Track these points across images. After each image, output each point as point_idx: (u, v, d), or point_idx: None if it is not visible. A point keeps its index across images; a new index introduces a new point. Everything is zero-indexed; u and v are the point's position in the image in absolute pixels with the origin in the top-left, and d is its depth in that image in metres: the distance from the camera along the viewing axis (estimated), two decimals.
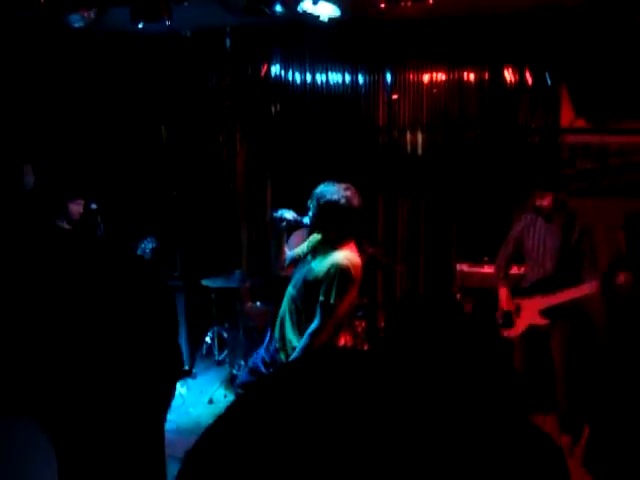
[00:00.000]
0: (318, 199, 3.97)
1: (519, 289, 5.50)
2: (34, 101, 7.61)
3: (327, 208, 3.93)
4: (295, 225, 4.20)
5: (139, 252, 5.88)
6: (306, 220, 4.07)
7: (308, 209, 4.04)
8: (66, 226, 5.87)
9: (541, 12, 6.25)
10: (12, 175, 6.80)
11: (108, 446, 1.22)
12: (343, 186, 4.02)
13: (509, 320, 5.44)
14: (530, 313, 5.27)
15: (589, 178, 6.68)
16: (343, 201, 3.93)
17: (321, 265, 3.98)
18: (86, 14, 4.57)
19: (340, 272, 3.85)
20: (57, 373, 1.18)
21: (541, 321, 5.20)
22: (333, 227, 4.00)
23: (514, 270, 5.82)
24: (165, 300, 1.30)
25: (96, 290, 1.20)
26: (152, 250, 5.97)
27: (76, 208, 5.76)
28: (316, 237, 4.20)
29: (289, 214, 4.12)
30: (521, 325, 5.34)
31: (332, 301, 3.86)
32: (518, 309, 5.43)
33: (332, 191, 3.96)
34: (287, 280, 4.45)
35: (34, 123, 7.61)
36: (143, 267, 1.30)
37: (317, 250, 4.15)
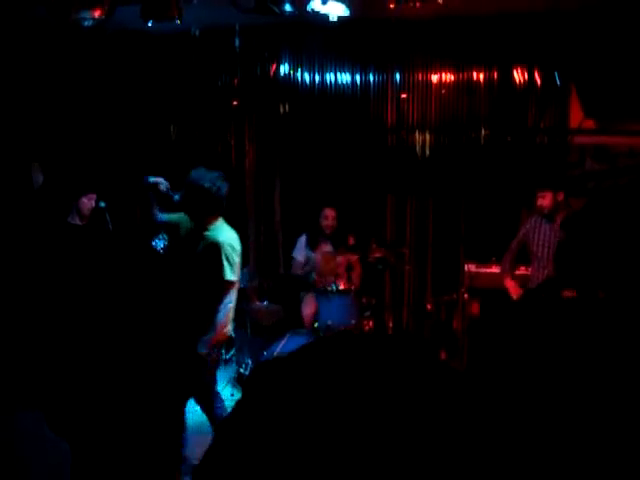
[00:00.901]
0: (190, 184, 4.31)
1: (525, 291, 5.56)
2: (43, 99, 7.63)
3: (198, 194, 4.27)
4: (164, 196, 4.61)
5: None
6: (176, 198, 4.44)
7: (180, 189, 4.41)
8: (78, 222, 5.90)
9: (550, 13, 6.24)
10: (20, 174, 6.82)
11: (124, 439, 1.23)
12: (215, 174, 4.39)
13: None
14: None
15: (597, 179, 6.66)
16: (214, 189, 4.29)
17: (202, 246, 4.32)
18: (95, 13, 4.57)
19: (223, 249, 4.22)
20: (76, 370, 1.19)
21: None
22: (202, 211, 4.36)
23: (522, 271, 5.87)
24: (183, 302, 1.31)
25: (120, 289, 1.21)
26: (163, 248, 5.98)
27: (88, 203, 5.81)
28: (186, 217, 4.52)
29: (163, 185, 4.50)
30: None
31: (226, 277, 4.21)
32: None
33: (204, 178, 4.31)
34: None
35: (42, 121, 7.63)
36: (164, 267, 1.31)
37: (193, 231, 4.48)
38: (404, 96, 7.01)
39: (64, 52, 7.44)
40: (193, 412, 5.73)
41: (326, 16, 5.22)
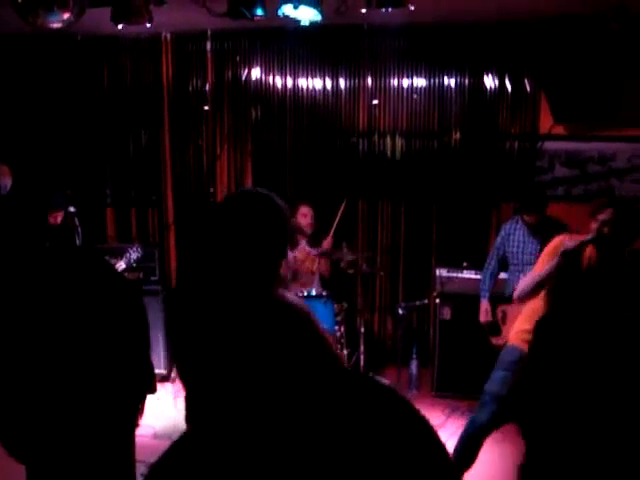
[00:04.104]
0: None
1: (503, 296, 5.59)
2: (11, 101, 7.55)
3: None
4: None
5: (125, 260, 5.84)
6: None
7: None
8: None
9: (521, 20, 6.30)
10: None
11: (74, 462, 1.20)
12: None
13: (496, 328, 5.52)
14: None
15: (566, 184, 6.73)
16: None
17: None
18: (64, 15, 4.53)
19: None
20: (24, 386, 1.16)
21: None
22: None
23: (501, 275, 5.91)
24: (137, 315, 1.28)
25: (67, 303, 1.18)
26: (137, 260, 5.95)
27: (53, 220, 5.79)
28: None
29: None
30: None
31: None
32: (504, 316, 5.49)
33: None
34: None
35: (10, 123, 7.54)
36: (116, 281, 1.28)
37: None
38: (376, 101, 7.03)
39: (33, 55, 7.37)
40: (165, 418, 5.69)
41: (298, 21, 5.22)
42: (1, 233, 5.86)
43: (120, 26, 5.14)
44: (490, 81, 6.74)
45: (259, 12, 5.04)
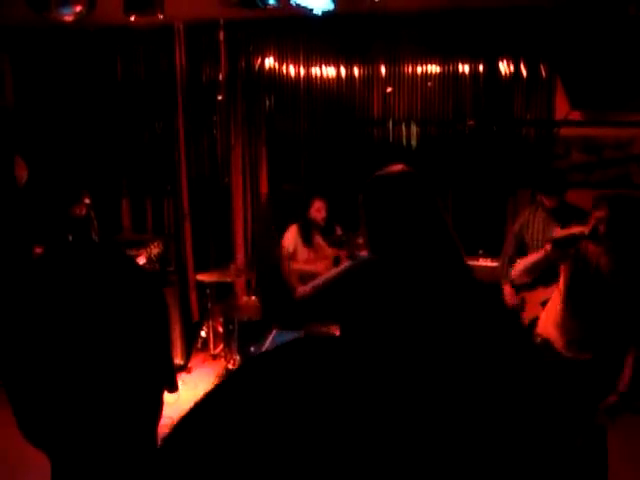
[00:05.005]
0: None
1: (523, 283, 5.59)
2: (27, 95, 7.59)
3: None
4: None
5: (146, 255, 5.85)
6: None
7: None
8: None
9: (536, 5, 6.23)
10: (3, 169, 6.74)
11: (100, 453, 1.21)
12: None
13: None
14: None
15: (583, 170, 6.67)
16: None
17: None
18: (76, 8, 4.53)
19: None
20: (51, 380, 1.16)
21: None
22: None
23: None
24: (159, 309, 1.29)
25: (91, 298, 1.18)
26: (158, 255, 5.96)
27: (79, 211, 5.81)
28: None
29: None
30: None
31: None
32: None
33: None
34: None
35: (27, 116, 7.58)
36: (139, 276, 1.28)
37: None
38: (390, 89, 6.99)
39: (46, 48, 7.39)
40: (183, 409, 5.71)
41: (310, 9, 5.21)
42: (21, 225, 5.89)
43: (132, 17, 5.15)
44: (505, 67, 6.68)
45: (271, 1, 5.03)
